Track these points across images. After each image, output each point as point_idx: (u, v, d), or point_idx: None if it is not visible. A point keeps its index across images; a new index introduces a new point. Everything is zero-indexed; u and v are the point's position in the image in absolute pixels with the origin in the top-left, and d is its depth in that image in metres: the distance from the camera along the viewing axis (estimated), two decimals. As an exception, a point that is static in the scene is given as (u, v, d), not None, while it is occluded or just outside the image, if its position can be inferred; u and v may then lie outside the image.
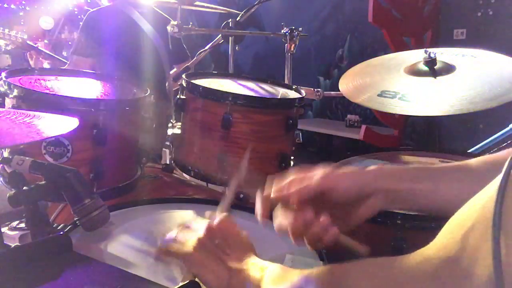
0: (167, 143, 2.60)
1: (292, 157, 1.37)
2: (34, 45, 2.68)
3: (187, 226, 0.80)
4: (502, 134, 1.58)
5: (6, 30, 2.65)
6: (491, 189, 0.37)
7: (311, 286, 0.54)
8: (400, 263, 0.44)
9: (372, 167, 0.67)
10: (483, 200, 0.37)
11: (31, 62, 2.64)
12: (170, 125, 2.24)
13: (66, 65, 2.44)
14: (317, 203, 0.66)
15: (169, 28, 1.76)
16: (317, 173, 0.68)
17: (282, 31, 1.82)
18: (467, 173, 0.65)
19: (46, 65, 2.61)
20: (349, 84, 1.32)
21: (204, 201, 1.12)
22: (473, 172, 0.64)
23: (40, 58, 2.62)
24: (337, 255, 0.73)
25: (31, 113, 0.87)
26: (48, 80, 1.32)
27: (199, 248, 0.72)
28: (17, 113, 0.85)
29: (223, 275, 0.69)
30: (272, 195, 0.70)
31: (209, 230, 0.76)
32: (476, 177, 0.62)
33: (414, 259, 0.43)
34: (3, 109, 1.03)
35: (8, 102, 1.19)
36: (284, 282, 0.59)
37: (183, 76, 1.36)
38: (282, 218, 0.69)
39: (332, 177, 0.66)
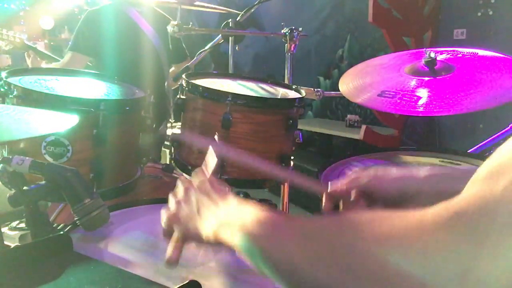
0: (167, 143, 2.61)
1: (292, 157, 1.37)
2: (33, 46, 2.66)
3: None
4: (502, 134, 1.58)
5: (4, 30, 2.64)
6: None
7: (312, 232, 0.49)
8: (414, 215, 0.41)
9: (420, 171, 0.74)
10: None
11: (28, 62, 2.62)
12: (168, 125, 2.24)
13: (61, 61, 2.42)
14: (367, 200, 0.75)
15: (169, 28, 1.76)
16: (368, 173, 0.77)
17: (282, 31, 1.81)
18: None
19: (43, 65, 2.60)
20: (349, 84, 1.32)
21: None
22: None
23: (38, 58, 2.61)
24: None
25: (31, 109, 0.87)
26: (48, 80, 1.32)
27: (184, 204, 0.72)
28: (17, 109, 0.85)
29: (211, 221, 0.65)
30: (330, 190, 0.79)
31: (188, 187, 0.76)
32: None
33: (432, 211, 0.41)
34: (3, 105, 1.02)
35: (8, 102, 1.19)
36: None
37: (183, 76, 1.36)
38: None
39: (377, 178, 0.74)
